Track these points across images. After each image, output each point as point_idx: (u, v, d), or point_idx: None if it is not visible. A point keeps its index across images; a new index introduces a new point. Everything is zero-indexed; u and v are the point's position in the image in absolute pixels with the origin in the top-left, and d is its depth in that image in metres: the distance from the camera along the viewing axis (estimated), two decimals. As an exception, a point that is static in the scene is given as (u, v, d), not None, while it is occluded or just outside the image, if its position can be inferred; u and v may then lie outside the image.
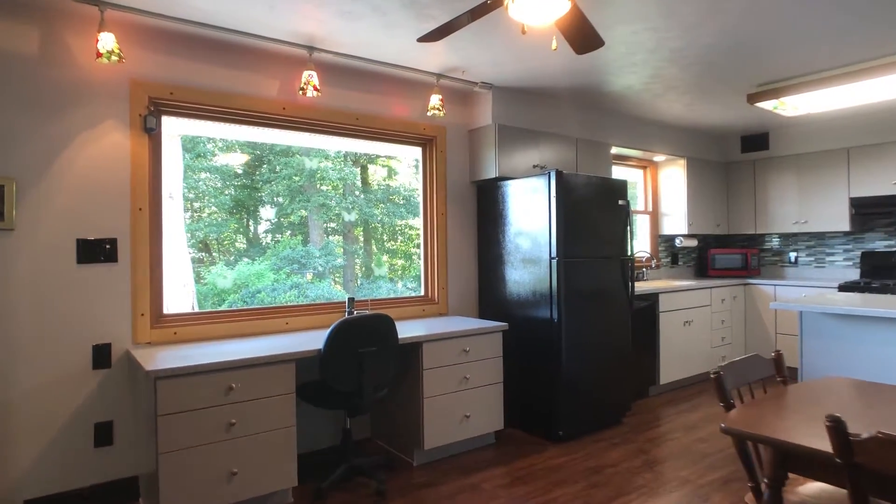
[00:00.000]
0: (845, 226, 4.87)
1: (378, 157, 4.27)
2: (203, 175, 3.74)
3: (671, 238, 5.66)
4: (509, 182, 3.78)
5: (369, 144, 3.70)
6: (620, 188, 3.86)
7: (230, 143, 3.64)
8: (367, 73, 3.49)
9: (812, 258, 5.41)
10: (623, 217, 3.85)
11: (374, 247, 4.55)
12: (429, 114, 3.57)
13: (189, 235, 3.47)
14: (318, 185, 4.19)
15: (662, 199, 5.59)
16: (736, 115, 4.69)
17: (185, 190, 3.28)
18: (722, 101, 4.23)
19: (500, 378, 3.38)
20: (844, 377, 2.10)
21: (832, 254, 5.26)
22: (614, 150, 4.74)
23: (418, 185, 3.96)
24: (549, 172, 3.49)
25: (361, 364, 2.69)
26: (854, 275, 5.07)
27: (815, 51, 3.16)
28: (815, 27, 2.84)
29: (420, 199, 3.94)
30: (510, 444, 3.47)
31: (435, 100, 3.52)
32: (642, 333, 4.35)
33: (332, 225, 4.36)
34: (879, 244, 4.95)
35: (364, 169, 4.38)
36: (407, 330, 3.17)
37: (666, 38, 2.98)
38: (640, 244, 5.50)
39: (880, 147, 4.65)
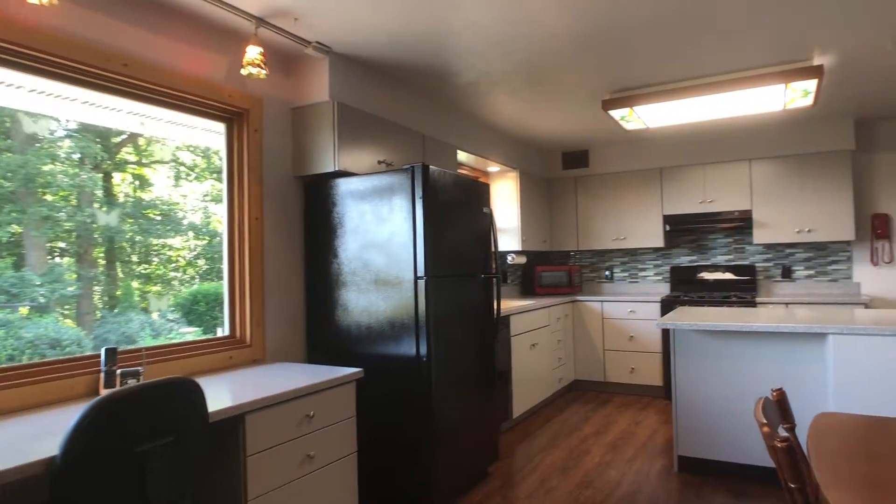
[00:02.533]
0: (659, 242, 5.16)
1: (127, 163, 2.99)
2: None
3: (503, 255, 5.40)
4: (353, 179, 2.92)
5: (140, 108, 2.47)
6: (485, 193, 3.32)
7: None
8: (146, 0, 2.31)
9: (626, 273, 5.67)
10: (487, 227, 3.30)
11: (119, 271, 3.20)
12: (243, 72, 2.51)
13: None
14: (40, 193, 2.73)
15: (496, 214, 5.29)
16: (578, 125, 4.60)
17: None
18: (567, 107, 4.04)
19: (354, 446, 2.46)
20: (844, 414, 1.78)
21: (644, 269, 5.58)
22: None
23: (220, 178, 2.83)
24: (414, 167, 2.75)
25: (143, 471, 1.54)
26: (664, 289, 5.43)
27: (668, 62, 3.08)
28: (671, 38, 2.69)
29: (224, 198, 2.82)
30: (367, 535, 2.56)
31: (253, 52, 2.49)
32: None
33: (63, 244, 2.92)
34: (684, 259, 5.38)
35: (108, 176, 3.05)
36: (217, 395, 2.07)
37: (515, 32, 2.52)
38: (475, 261, 5.10)
39: (689, 168, 5.03)
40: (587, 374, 5.23)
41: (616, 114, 3.82)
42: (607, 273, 5.75)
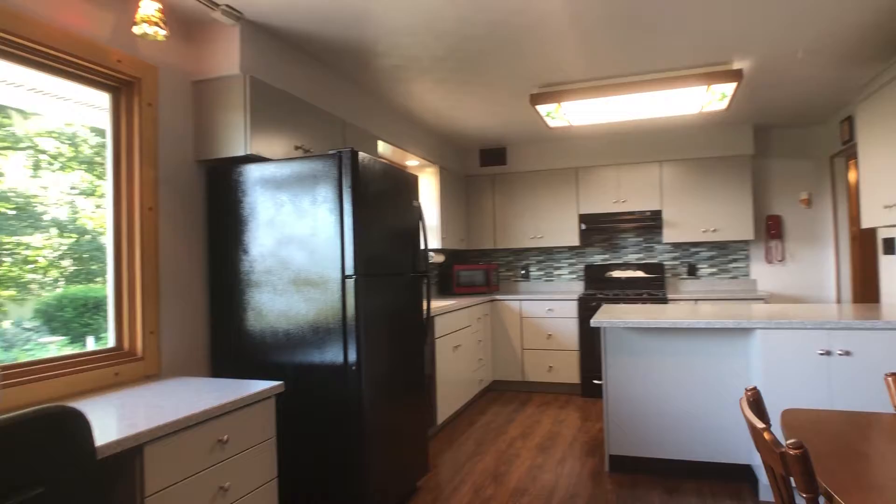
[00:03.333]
0: (576, 241, 5.24)
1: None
2: None
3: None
4: (268, 165, 2.58)
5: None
6: (415, 185, 3.10)
7: None
8: (-1, -76, 1.83)
9: (542, 272, 5.71)
10: (416, 221, 3.09)
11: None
12: (136, 31, 2.09)
13: None
14: None
15: (413, 210, 5.09)
16: (498, 121, 4.51)
17: None
18: (491, 101, 3.93)
19: (274, 471, 2.14)
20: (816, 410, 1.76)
21: (559, 268, 5.65)
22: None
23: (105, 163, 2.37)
24: (342, 153, 2.47)
25: (0, 536, 1.16)
26: (579, 287, 5.53)
27: (596, 58, 3.06)
28: (599, 34, 2.67)
29: (109, 183, 2.36)
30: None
31: (150, 7, 2.09)
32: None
33: None
34: (598, 258, 5.51)
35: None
36: (103, 422, 1.67)
37: (449, 13, 2.38)
38: (393, 260, 4.86)
39: (604, 168, 5.15)
40: (506, 375, 5.18)
41: (543, 109, 3.77)
42: (523, 272, 5.76)
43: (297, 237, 2.52)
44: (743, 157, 4.73)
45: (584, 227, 5.17)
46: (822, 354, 2.55)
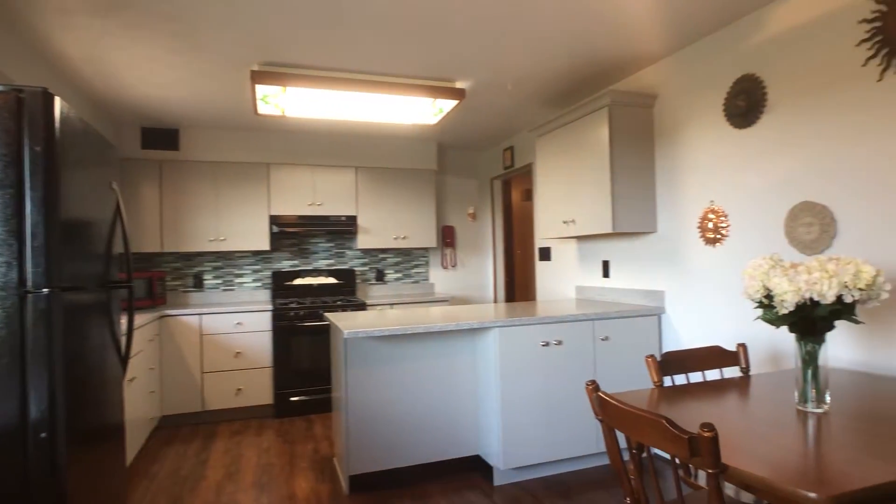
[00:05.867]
0: (265, 244, 4.81)
1: None
2: None
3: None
4: None
5: None
6: (115, 160, 2.26)
7: None
8: None
9: (220, 280, 5.03)
10: (114, 211, 2.26)
11: None
12: None
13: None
14: None
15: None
16: (175, 94, 3.73)
17: None
18: (177, 65, 3.24)
19: None
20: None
21: (242, 275, 5.08)
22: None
23: None
24: (24, 92, 1.59)
25: None
26: (264, 296, 5.09)
27: (327, 47, 2.91)
28: (332, 23, 2.61)
29: None
30: None
31: None
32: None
33: None
34: (286, 264, 5.19)
35: None
36: None
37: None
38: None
39: (299, 168, 4.89)
40: (180, 407, 4.33)
41: (263, 90, 3.31)
42: (197, 280, 4.96)
43: (-84, 224, 1.49)
44: (428, 171, 5.24)
45: (276, 229, 4.79)
46: (543, 346, 3.01)
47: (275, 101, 3.53)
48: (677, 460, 1.75)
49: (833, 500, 1.10)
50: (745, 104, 2.63)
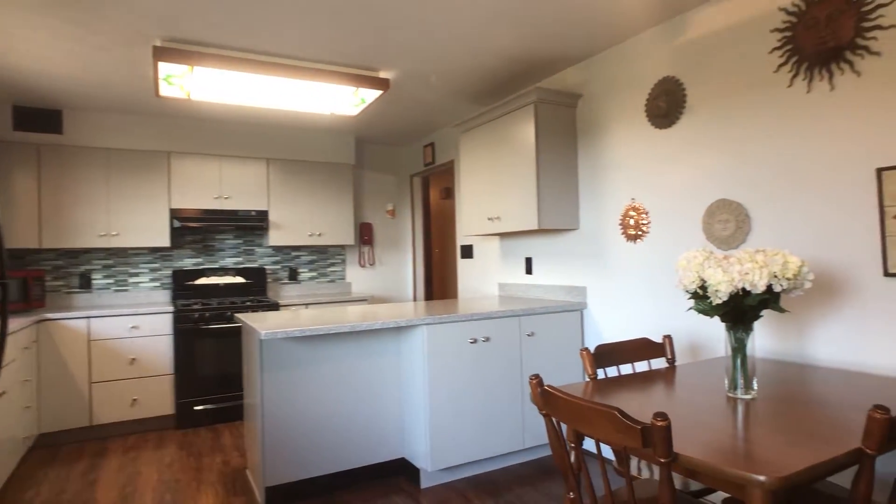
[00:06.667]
0: (165, 241, 4.42)
1: None
2: None
3: None
4: None
5: None
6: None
7: None
8: None
9: (111, 280, 4.56)
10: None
11: None
12: None
13: None
14: None
15: None
16: (58, 68, 3.32)
17: None
18: (67, 32, 2.89)
19: None
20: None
21: (137, 274, 4.64)
22: None
23: None
24: None
25: None
26: (163, 297, 4.68)
27: (241, 25, 2.72)
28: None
29: None
30: None
31: None
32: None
33: None
34: (188, 262, 4.80)
35: None
36: None
37: None
38: None
39: (204, 158, 4.54)
40: (61, 423, 3.86)
41: (166, 69, 3.02)
42: (82, 279, 4.46)
43: None
44: (346, 165, 5.06)
45: (177, 224, 4.41)
46: (471, 343, 2.97)
47: (179, 82, 3.23)
48: (616, 452, 1.76)
49: (781, 480, 1.14)
50: (666, 105, 2.75)
